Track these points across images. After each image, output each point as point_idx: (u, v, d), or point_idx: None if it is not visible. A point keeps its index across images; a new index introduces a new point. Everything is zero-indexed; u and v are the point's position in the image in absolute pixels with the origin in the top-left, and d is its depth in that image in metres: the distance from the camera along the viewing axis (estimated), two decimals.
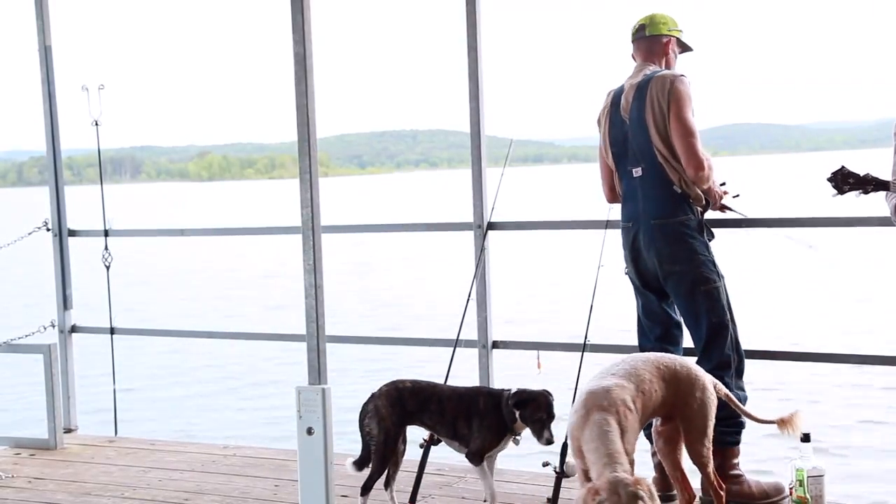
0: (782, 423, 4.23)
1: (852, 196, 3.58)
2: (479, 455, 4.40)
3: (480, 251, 5.28)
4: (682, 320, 4.79)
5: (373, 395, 4.46)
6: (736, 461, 4.66)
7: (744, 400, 4.63)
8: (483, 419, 4.39)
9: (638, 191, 4.68)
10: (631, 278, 4.84)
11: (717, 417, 4.39)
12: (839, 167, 3.52)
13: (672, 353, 4.74)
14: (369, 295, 20.36)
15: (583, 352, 4.75)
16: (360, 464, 4.46)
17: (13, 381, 11.61)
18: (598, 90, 4.94)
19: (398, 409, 4.41)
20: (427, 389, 4.49)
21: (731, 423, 4.55)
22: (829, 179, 3.53)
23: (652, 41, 4.78)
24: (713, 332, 4.63)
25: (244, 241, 30.53)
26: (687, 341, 4.82)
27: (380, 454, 4.40)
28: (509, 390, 4.40)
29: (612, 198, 4.92)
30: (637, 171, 4.66)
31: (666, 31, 4.79)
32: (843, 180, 3.53)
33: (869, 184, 3.55)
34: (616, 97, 4.78)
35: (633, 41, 4.83)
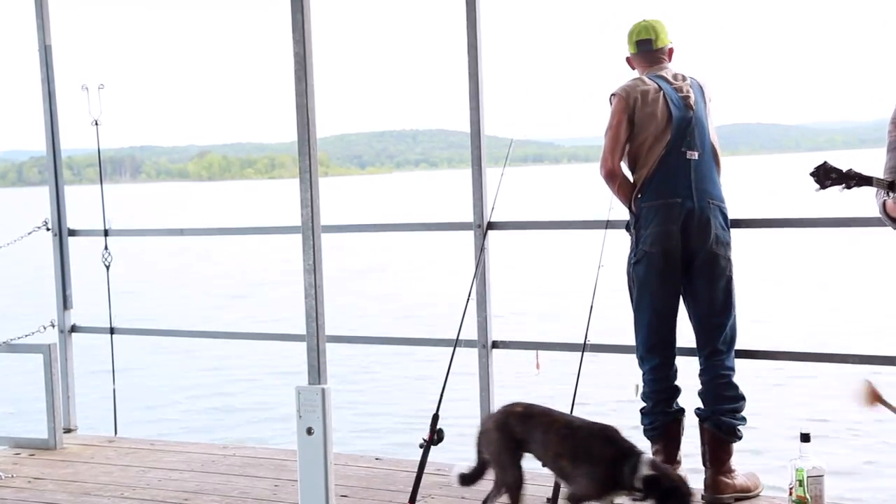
0: None
1: (835, 191, 3.56)
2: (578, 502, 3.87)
3: (480, 251, 5.27)
4: None
5: (485, 419, 4.26)
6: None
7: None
8: (595, 467, 3.83)
9: (692, 170, 4.61)
10: (661, 267, 4.58)
11: (731, 408, 4.51)
12: (821, 162, 3.51)
13: (671, 350, 4.74)
14: (369, 295, 20.35)
15: (583, 352, 4.75)
16: (466, 479, 4.15)
17: (13, 381, 11.60)
18: (598, 91, 4.93)
19: (504, 434, 4.01)
20: (537, 416, 4.04)
21: (741, 415, 4.61)
22: (812, 174, 3.52)
23: (659, 52, 4.81)
24: (735, 324, 4.68)
25: (244, 240, 30.52)
26: (686, 340, 4.81)
27: (498, 481, 4.06)
28: (640, 455, 3.81)
29: (616, 170, 4.69)
30: (693, 155, 4.63)
31: (668, 39, 4.82)
32: (826, 175, 3.51)
33: (851, 179, 3.52)
34: (666, 86, 4.68)
35: (637, 51, 4.80)
